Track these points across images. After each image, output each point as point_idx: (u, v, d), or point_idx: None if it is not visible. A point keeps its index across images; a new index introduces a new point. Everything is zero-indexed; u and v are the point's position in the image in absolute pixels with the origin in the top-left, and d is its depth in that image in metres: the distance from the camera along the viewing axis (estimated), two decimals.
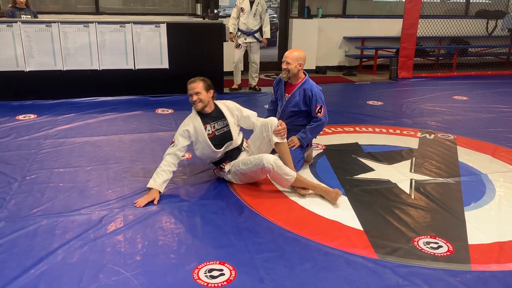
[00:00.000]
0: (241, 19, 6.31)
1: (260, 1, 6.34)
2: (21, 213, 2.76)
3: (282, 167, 3.01)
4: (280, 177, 3.02)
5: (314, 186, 3.10)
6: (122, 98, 5.77)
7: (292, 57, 3.43)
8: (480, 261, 2.35)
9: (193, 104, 3.13)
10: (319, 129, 3.56)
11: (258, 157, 3.04)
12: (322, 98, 3.49)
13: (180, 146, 3.06)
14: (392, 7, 9.72)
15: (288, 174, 3.01)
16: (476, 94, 6.51)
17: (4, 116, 4.87)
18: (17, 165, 3.53)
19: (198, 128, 3.10)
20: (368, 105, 5.78)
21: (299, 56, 3.45)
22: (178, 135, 3.09)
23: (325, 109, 3.49)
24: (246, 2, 6.28)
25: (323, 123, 3.51)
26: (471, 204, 3.00)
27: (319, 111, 3.46)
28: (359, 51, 8.66)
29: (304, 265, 2.28)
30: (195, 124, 3.11)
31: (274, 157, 3.04)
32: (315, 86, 3.50)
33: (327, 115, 3.52)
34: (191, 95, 3.10)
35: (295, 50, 3.51)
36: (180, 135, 3.09)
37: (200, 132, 3.10)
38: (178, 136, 3.09)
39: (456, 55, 8.50)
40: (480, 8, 9.34)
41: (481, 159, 3.83)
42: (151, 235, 2.55)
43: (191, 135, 3.10)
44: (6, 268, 2.20)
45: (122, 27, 5.67)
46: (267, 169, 2.99)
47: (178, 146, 3.06)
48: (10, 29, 5.32)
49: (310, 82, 3.52)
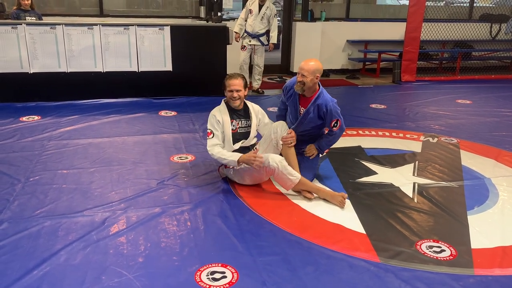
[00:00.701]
0: (248, 21, 6.33)
1: (270, 6, 6.35)
2: (25, 214, 2.77)
3: (287, 168, 3.02)
4: (284, 177, 3.02)
5: (319, 190, 3.10)
6: (126, 100, 5.78)
7: (308, 69, 3.15)
8: (483, 265, 2.35)
9: (231, 99, 3.21)
10: (334, 140, 3.42)
11: (264, 156, 3.06)
12: (338, 112, 3.27)
13: (219, 134, 3.17)
14: (395, 10, 9.72)
15: (292, 174, 3.02)
16: (479, 98, 6.50)
17: (8, 118, 4.89)
18: (20, 166, 3.54)
19: (225, 121, 3.20)
20: (371, 108, 5.78)
21: (317, 68, 3.17)
22: (214, 124, 3.17)
23: (342, 122, 3.30)
24: (255, 4, 6.29)
25: (338, 136, 3.37)
26: (474, 208, 3.00)
27: (335, 125, 3.28)
28: (362, 55, 8.66)
29: (306, 268, 2.28)
30: (223, 116, 3.21)
31: (280, 157, 3.06)
32: (330, 99, 3.26)
33: (344, 127, 3.34)
34: (231, 91, 3.18)
35: (311, 60, 3.21)
36: (216, 124, 3.17)
37: (226, 125, 3.20)
38: (214, 125, 3.17)
39: (459, 58, 8.48)
40: (483, 12, 9.33)
41: (485, 163, 3.82)
42: (153, 237, 2.55)
43: (220, 125, 3.19)
44: (9, 269, 2.21)
45: (126, 30, 5.69)
46: (272, 168, 2.99)
47: (218, 136, 3.16)
48: (15, 31, 5.35)
49: (325, 95, 3.28)
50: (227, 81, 3.21)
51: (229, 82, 3.19)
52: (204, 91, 6.09)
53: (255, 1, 6.32)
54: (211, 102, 5.81)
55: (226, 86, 3.22)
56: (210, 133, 3.16)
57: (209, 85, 6.14)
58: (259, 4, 6.28)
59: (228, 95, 3.21)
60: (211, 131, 3.16)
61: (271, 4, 6.39)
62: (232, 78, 3.20)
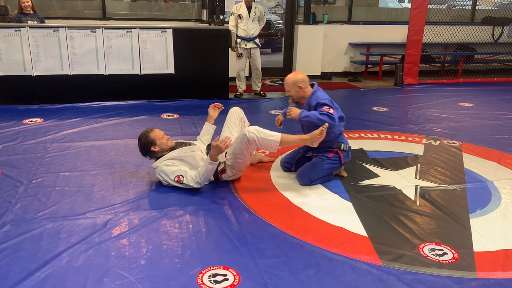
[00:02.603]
0: (240, 26, 6.30)
1: (258, 6, 6.36)
2: (27, 216, 2.78)
3: (263, 131, 3.08)
4: (266, 141, 3.06)
5: (302, 139, 3.15)
6: (128, 103, 5.80)
7: (288, 84, 3.30)
8: (486, 268, 2.34)
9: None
10: (324, 117, 3.14)
11: (239, 134, 3.15)
12: (326, 102, 3.21)
13: (185, 168, 3.25)
14: (397, 13, 9.73)
15: (272, 135, 3.07)
16: (482, 101, 6.49)
17: (11, 120, 4.91)
18: (23, 169, 3.55)
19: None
20: (373, 111, 5.78)
21: (294, 80, 3.27)
22: (173, 169, 3.20)
23: (335, 112, 3.19)
24: (243, 8, 6.27)
25: (333, 117, 3.15)
26: (476, 211, 2.99)
27: (327, 109, 3.17)
28: (364, 57, 8.66)
29: (308, 271, 2.28)
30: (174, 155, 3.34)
31: (252, 127, 3.11)
32: (321, 97, 3.26)
33: (337, 119, 3.20)
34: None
35: (291, 75, 3.33)
36: (175, 166, 3.24)
37: (188, 151, 3.37)
38: (175, 169, 3.22)
39: (462, 61, 8.48)
40: (486, 15, 9.33)
41: (487, 166, 3.81)
42: (155, 240, 2.55)
43: (178, 161, 3.28)
44: (11, 271, 2.21)
45: (129, 33, 5.71)
46: (251, 139, 3.04)
47: (185, 171, 3.21)
48: (18, 34, 5.38)
49: (316, 94, 3.29)
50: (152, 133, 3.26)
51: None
52: (206, 94, 6.11)
53: (241, 5, 6.28)
54: None
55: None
56: (180, 178, 3.13)
57: (211, 88, 6.17)
58: (246, 7, 6.27)
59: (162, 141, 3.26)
60: (179, 176, 3.13)
61: (258, 4, 6.39)
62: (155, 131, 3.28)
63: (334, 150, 3.34)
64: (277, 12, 13.16)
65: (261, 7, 6.47)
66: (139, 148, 3.29)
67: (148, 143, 3.21)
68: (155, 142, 3.20)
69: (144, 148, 3.25)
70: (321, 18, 8.30)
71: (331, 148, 3.34)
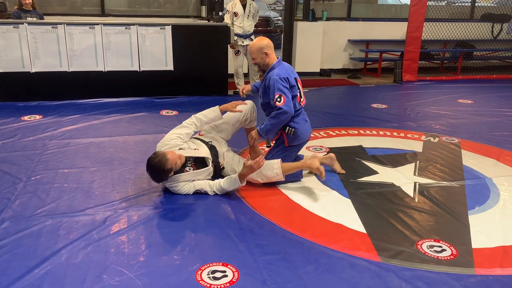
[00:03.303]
0: (236, 23, 6.27)
1: (252, 3, 6.34)
2: (26, 213, 2.78)
3: (268, 177, 3.14)
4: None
5: (299, 167, 3.24)
6: (127, 99, 5.79)
7: (253, 51, 3.19)
8: (484, 265, 2.35)
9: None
10: (279, 118, 3.06)
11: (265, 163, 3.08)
12: (280, 88, 3.05)
13: (192, 179, 3.17)
14: (397, 10, 9.72)
15: (275, 176, 3.13)
16: (481, 97, 6.49)
17: (10, 117, 4.90)
18: (22, 166, 3.55)
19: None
20: (373, 108, 5.78)
21: (259, 46, 3.16)
22: (181, 183, 3.12)
23: (287, 99, 3.04)
24: (238, 6, 6.24)
25: (284, 111, 3.03)
26: (475, 208, 2.99)
27: (278, 99, 3.04)
28: (363, 54, 8.65)
29: (307, 267, 2.28)
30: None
31: (277, 162, 3.13)
32: (276, 73, 3.10)
33: (291, 106, 3.06)
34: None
35: (255, 41, 3.24)
36: (182, 181, 3.15)
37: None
38: (183, 183, 3.14)
39: (461, 58, 8.48)
40: (485, 12, 9.32)
41: (486, 163, 3.82)
42: (154, 236, 2.56)
43: (182, 182, 3.18)
44: (10, 268, 2.22)
45: (128, 29, 5.69)
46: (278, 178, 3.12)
47: (192, 183, 3.15)
48: (17, 30, 5.36)
49: (275, 70, 3.15)
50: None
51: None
52: (206, 90, 6.10)
53: (235, 3, 6.25)
54: (212, 102, 5.81)
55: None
56: (198, 192, 3.08)
57: (210, 85, 6.16)
58: (241, 4, 6.26)
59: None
60: (197, 191, 3.07)
61: (252, 1, 6.37)
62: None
63: (279, 133, 3.27)
64: (276, 9, 13.14)
65: (255, 4, 6.45)
66: (152, 177, 2.98)
67: (165, 173, 2.92)
68: (172, 169, 2.93)
69: (160, 178, 2.99)
70: (320, 15, 8.29)
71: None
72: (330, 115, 5.29)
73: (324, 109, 5.60)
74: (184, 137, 3.21)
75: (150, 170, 2.91)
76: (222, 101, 3.79)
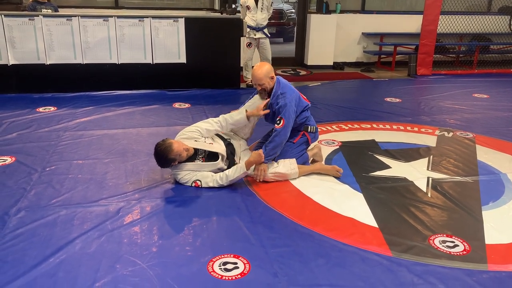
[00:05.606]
0: (249, 16, 6.27)
1: None
2: (41, 203, 2.83)
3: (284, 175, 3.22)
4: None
5: (313, 169, 3.35)
6: (140, 92, 5.83)
7: (260, 78, 3.22)
8: (497, 261, 2.32)
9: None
10: (277, 144, 3.20)
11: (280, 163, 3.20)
12: (282, 112, 3.19)
13: (202, 172, 3.19)
14: (412, 3, 9.57)
15: (293, 174, 3.24)
16: (497, 92, 6.39)
17: (25, 108, 4.97)
18: (37, 156, 3.60)
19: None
20: (386, 102, 5.73)
21: (267, 72, 3.23)
22: (189, 175, 3.13)
23: (285, 122, 3.18)
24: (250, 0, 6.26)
25: (280, 140, 3.20)
26: (489, 204, 2.96)
27: (278, 122, 3.20)
28: (377, 47, 8.57)
29: (318, 260, 2.29)
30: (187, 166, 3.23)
31: (294, 163, 3.26)
32: (288, 99, 3.21)
33: (288, 127, 3.20)
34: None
35: (258, 69, 3.24)
36: (192, 172, 3.17)
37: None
38: (191, 174, 3.15)
39: (477, 52, 8.35)
40: (503, 4, 9.14)
41: (501, 158, 3.77)
42: (167, 227, 2.58)
43: (191, 172, 3.19)
44: (26, 256, 2.26)
45: (141, 22, 5.71)
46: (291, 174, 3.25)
47: (202, 174, 3.16)
48: (32, 22, 5.42)
49: (286, 94, 3.24)
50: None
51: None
52: (218, 83, 6.10)
53: None
54: (224, 95, 5.84)
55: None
56: (197, 183, 3.08)
57: (223, 78, 6.16)
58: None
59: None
60: (196, 181, 3.08)
61: None
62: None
63: (301, 132, 3.40)
64: (289, 1, 13.06)
65: None
66: (157, 162, 3.08)
67: (167, 161, 3.02)
68: (176, 159, 3.02)
69: (162, 164, 3.08)
70: (334, 7, 8.21)
71: (298, 131, 3.39)
72: (343, 109, 5.26)
73: (337, 102, 5.57)
74: (204, 132, 3.22)
75: (155, 154, 3.05)
76: (234, 94, 3.78)
